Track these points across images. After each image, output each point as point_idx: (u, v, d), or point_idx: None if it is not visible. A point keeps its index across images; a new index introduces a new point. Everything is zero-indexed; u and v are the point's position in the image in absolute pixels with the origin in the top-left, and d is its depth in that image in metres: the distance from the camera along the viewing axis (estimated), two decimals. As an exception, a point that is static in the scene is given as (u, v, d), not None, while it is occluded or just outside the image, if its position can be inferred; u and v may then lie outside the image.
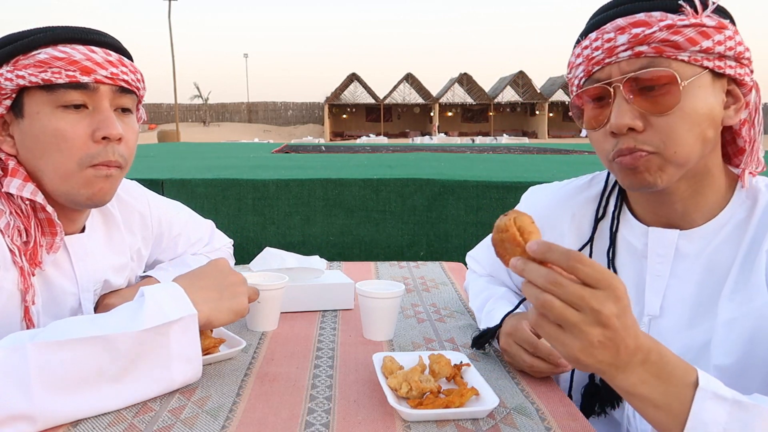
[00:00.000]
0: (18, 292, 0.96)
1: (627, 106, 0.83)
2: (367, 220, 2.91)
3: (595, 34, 0.85)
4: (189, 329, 0.88)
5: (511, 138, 34.60)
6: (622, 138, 0.85)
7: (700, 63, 0.81)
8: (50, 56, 0.92)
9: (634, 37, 0.81)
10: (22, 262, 0.95)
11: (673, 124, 0.82)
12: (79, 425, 0.79)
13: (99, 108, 0.96)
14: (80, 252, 1.08)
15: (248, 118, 49.08)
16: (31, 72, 0.92)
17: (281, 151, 8.40)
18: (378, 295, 1.12)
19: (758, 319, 0.82)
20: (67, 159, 0.95)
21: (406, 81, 43.26)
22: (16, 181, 0.95)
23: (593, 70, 0.86)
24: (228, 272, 1.00)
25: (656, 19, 0.80)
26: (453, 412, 0.81)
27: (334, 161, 4.99)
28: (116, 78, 0.97)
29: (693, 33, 0.80)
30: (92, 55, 0.94)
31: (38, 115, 0.94)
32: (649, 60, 0.81)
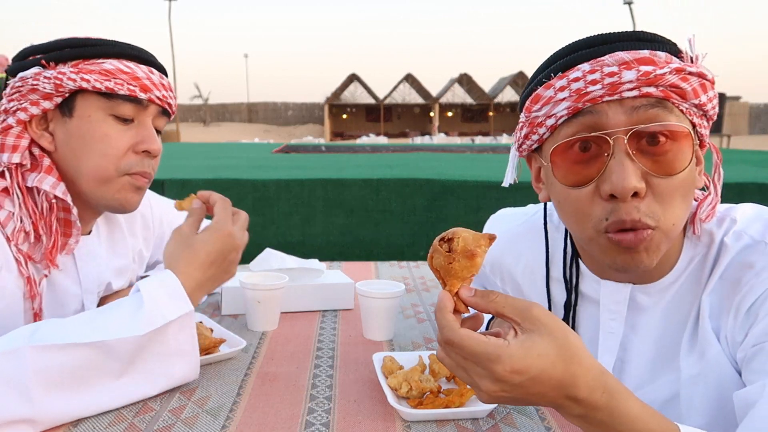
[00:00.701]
0: (20, 293, 0.96)
1: (631, 163, 0.69)
2: (367, 220, 2.91)
3: (590, 66, 0.71)
4: (186, 326, 0.88)
5: (511, 138, 34.59)
6: (624, 205, 0.70)
7: (691, 118, 0.73)
8: (116, 68, 0.97)
9: (644, 75, 0.68)
10: (28, 270, 0.95)
11: (675, 189, 0.71)
12: (79, 425, 0.79)
13: (144, 124, 1.02)
14: (85, 254, 1.08)
15: (248, 118, 49.08)
16: (96, 78, 0.96)
17: (281, 151, 8.40)
18: (378, 295, 1.12)
19: (716, 372, 0.75)
20: (108, 164, 0.99)
21: (406, 81, 43.27)
22: (50, 179, 0.98)
23: (584, 107, 0.71)
24: (229, 249, 0.96)
25: (663, 59, 0.70)
26: (453, 412, 0.81)
27: (334, 161, 4.99)
28: (164, 101, 1.03)
29: (697, 83, 0.71)
30: (151, 75, 1.01)
31: (89, 118, 0.98)
32: (656, 101, 0.70)
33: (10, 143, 0.97)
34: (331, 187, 2.90)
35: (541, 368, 0.56)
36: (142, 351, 0.83)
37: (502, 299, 0.60)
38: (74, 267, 1.07)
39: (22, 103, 0.97)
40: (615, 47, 0.71)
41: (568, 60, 0.73)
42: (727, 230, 0.78)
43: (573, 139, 0.73)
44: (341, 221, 2.91)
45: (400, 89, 43.66)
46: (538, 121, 0.76)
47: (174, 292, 0.88)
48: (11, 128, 0.97)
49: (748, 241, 0.76)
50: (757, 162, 5.04)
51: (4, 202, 0.95)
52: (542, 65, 0.79)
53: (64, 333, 0.79)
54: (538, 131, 0.77)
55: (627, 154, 0.69)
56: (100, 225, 1.15)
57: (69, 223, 1.00)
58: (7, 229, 0.94)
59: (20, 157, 0.97)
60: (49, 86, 0.95)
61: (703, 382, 0.77)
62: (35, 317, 0.98)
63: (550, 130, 0.76)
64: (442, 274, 0.64)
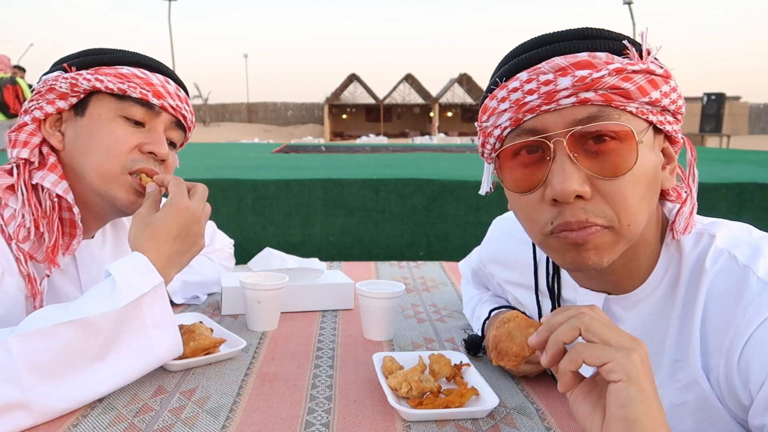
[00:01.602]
0: (22, 297, 0.96)
1: (572, 166, 0.68)
2: (367, 220, 2.91)
3: (527, 74, 0.69)
4: (159, 298, 0.89)
5: (511, 138, 34.49)
6: (568, 208, 0.69)
7: (646, 116, 0.69)
8: (131, 72, 1.00)
9: (579, 80, 0.66)
10: (28, 268, 0.95)
11: (625, 190, 0.68)
12: (79, 425, 0.79)
13: (154, 129, 1.03)
14: (87, 258, 1.08)
15: (248, 119, 49.09)
16: (110, 79, 0.98)
17: (281, 151, 8.40)
18: (378, 295, 1.12)
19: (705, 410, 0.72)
20: (112, 161, 1.00)
21: (405, 81, 43.28)
22: (52, 176, 0.99)
23: (525, 118, 0.70)
24: (189, 222, 0.96)
25: (602, 61, 0.67)
26: (453, 412, 0.81)
27: (334, 161, 4.99)
28: (178, 111, 1.05)
29: (643, 81, 0.67)
30: (167, 85, 1.04)
31: (99, 117, 1.00)
32: (598, 109, 0.67)
33: (22, 139, 1.00)
34: (330, 187, 2.90)
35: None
36: (121, 326, 0.84)
37: None
38: (75, 270, 1.07)
39: (39, 103, 1.01)
40: (554, 49, 0.69)
41: (509, 67, 0.72)
42: (706, 248, 0.74)
43: (516, 145, 0.72)
44: (341, 221, 2.91)
45: (400, 89, 43.68)
46: (488, 131, 0.76)
47: (143, 268, 0.89)
48: (26, 125, 1.01)
49: (731, 263, 0.71)
50: (757, 162, 5.04)
51: (9, 200, 0.96)
52: (492, 72, 0.77)
53: (45, 318, 0.80)
54: (489, 141, 0.77)
55: (568, 158, 0.68)
56: (107, 231, 1.16)
57: (73, 223, 1.01)
58: (9, 227, 0.94)
59: (28, 153, 0.99)
60: (66, 86, 0.98)
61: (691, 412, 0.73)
62: None
63: (499, 140, 0.75)
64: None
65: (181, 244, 0.95)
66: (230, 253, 1.58)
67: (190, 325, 1.02)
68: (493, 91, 0.73)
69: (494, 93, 0.73)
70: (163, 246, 0.93)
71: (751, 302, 0.67)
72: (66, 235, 1.02)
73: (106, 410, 0.83)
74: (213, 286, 1.42)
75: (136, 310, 0.86)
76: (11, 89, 7.65)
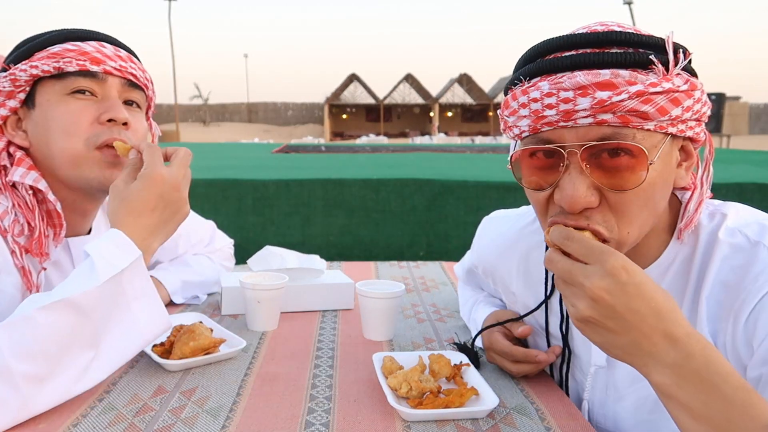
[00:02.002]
0: (19, 296, 0.96)
1: (582, 178, 0.70)
2: (367, 220, 2.91)
3: (548, 86, 0.70)
4: (138, 271, 0.87)
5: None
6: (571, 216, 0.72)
7: (665, 130, 0.70)
8: (63, 48, 0.99)
9: (598, 103, 0.67)
10: (23, 261, 0.95)
11: (629, 201, 0.71)
12: (79, 425, 0.79)
13: (107, 96, 1.01)
14: (83, 254, 1.08)
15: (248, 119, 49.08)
16: (44, 62, 0.97)
17: (281, 151, 8.40)
18: (378, 295, 1.12)
19: None
20: (74, 140, 0.98)
21: (405, 81, 43.27)
22: (20, 170, 0.98)
23: (542, 129, 0.72)
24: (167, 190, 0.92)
25: (624, 80, 0.67)
26: (453, 412, 0.81)
27: (334, 161, 4.99)
28: (125, 71, 1.02)
29: (664, 102, 0.67)
30: (102, 49, 1.01)
31: (48, 102, 0.99)
32: (613, 131, 0.68)
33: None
34: (330, 187, 2.90)
35: (645, 279, 0.61)
36: (103, 304, 0.83)
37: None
38: (71, 267, 1.06)
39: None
40: (577, 60, 0.69)
41: (532, 67, 0.73)
42: (718, 225, 0.78)
43: (531, 149, 0.74)
44: (341, 221, 2.91)
45: (400, 89, 43.67)
46: (508, 124, 0.78)
47: (120, 243, 0.87)
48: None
49: (743, 241, 0.75)
50: (757, 162, 5.04)
51: (0, 198, 0.96)
52: (517, 62, 0.78)
53: (28, 305, 0.79)
54: (510, 132, 0.79)
55: (580, 170, 0.70)
56: (102, 225, 1.15)
57: (57, 213, 1.00)
58: (4, 222, 0.95)
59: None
60: (7, 84, 0.98)
61: None
62: None
63: (518, 137, 0.77)
64: None
65: (161, 214, 0.91)
66: (230, 253, 1.58)
67: (190, 325, 1.02)
68: (515, 91, 0.74)
69: (516, 94, 0.74)
70: (141, 218, 0.90)
71: (762, 271, 0.72)
72: (52, 226, 1.01)
73: (106, 410, 0.83)
74: (213, 286, 1.42)
75: (117, 287, 0.84)
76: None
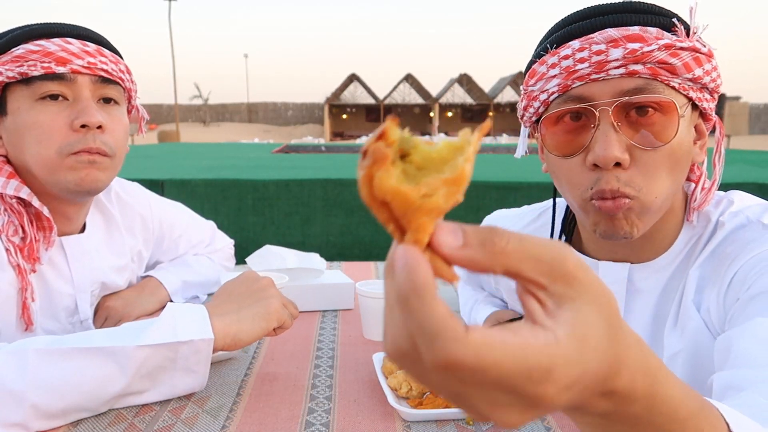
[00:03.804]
0: (14, 293, 0.96)
1: (615, 135, 0.71)
2: (367, 220, 2.91)
3: (579, 43, 0.72)
4: (200, 352, 0.83)
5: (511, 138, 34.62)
6: (606, 174, 0.72)
7: (687, 92, 0.73)
8: (26, 50, 0.93)
9: (630, 53, 0.69)
10: (18, 259, 0.94)
11: (659, 162, 0.72)
12: (79, 425, 0.79)
13: (78, 98, 0.96)
14: (77, 253, 1.07)
15: (248, 119, 49.09)
16: (8, 68, 0.93)
17: (281, 151, 8.40)
18: (378, 295, 1.12)
19: (696, 345, 0.76)
20: (46, 149, 0.95)
21: (405, 81, 43.27)
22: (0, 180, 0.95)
23: (573, 85, 0.73)
24: (253, 278, 0.94)
25: (653, 36, 0.70)
26: (453, 412, 0.81)
27: (334, 161, 4.99)
28: (94, 67, 0.96)
29: (689, 58, 0.71)
30: (67, 46, 0.95)
31: (19, 110, 0.95)
32: (645, 82, 0.71)
33: None
34: (330, 187, 2.90)
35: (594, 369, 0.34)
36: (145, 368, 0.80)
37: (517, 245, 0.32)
38: (66, 266, 1.06)
39: None
40: (606, 21, 0.72)
41: (561, 34, 0.75)
42: (724, 210, 0.80)
43: (562, 111, 0.75)
44: (341, 221, 2.91)
45: (400, 89, 43.67)
46: (534, 95, 0.78)
47: (196, 316, 0.84)
48: None
49: (743, 220, 0.77)
50: (757, 162, 5.04)
51: None
52: (541, 39, 0.81)
53: (71, 340, 0.77)
54: (533, 104, 0.79)
55: (612, 126, 0.71)
56: (95, 223, 1.14)
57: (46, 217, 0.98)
58: None
59: None
60: None
61: (682, 358, 0.77)
62: (24, 308, 0.97)
63: (544, 104, 0.78)
64: (396, 207, 0.32)
65: (246, 296, 0.89)
66: (230, 254, 1.58)
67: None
68: (543, 57, 0.76)
69: (544, 59, 0.76)
70: (223, 303, 0.88)
71: (754, 239, 0.73)
72: (42, 228, 0.99)
73: (107, 410, 0.83)
74: (213, 286, 1.42)
75: (171, 353, 0.81)
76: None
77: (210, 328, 0.83)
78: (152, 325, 0.81)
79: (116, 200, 1.20)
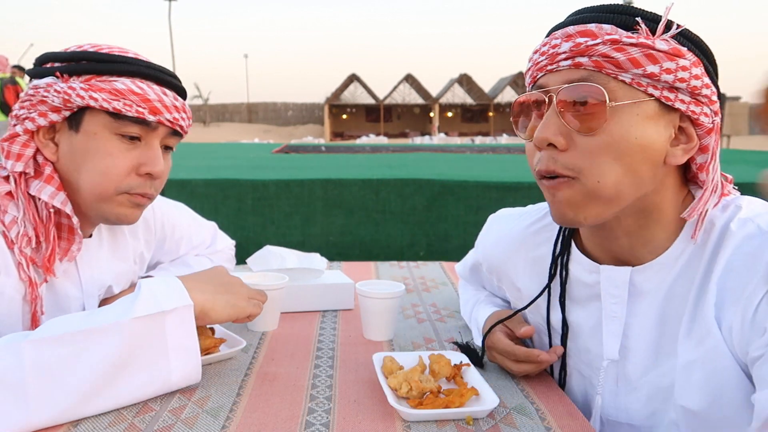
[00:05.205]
0: (19, 298, 0.96)
1: (555, 119, 0.77)
2: (367, 220, 2.91)
3: (547, 39, 0.80)
4: (185, 320, 0.87)
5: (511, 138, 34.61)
6: (543, 154, 0.78)
7: (645, 89, 0.74)
8: (127, 88, 0.96)
9: (576, 46, 0.75)
10: (29, 272, 0.95)
11: (597, 148, 0.75)
12: (80, 425, 0.79)
13: (150, 145, 1.01)
14: (86, 257, 1.08)
15: (248, 119, 49.09)
16: (104, 97, 0.95)
17: (281, 151, 8.40)
18: (378, 295, 1.12)
19: (714, 361, 0.75)
20: (108, 182, 0.98)
21: (406, 81, 43.26)
22: (49, 188, 0.97)
23: (537, 76, 0.81)
24: (225, 274, 1.02)
25: (604, 31, 0.74)
26: (453, 412, 0.81)
27: (334, 161, 4.99)
28: (176, 123, 1.02)
29: (638, 54, 0.72)
30: (164, 97, 0.99)
31: (95, 135, 0.97)
32: (589, 74, 0.75)
33: (15, 151, 0.97)
34: (330, 187, 2.90)
35: None
36: (138, 340, 0.82)
37: None
38: (75, 271, 1.07)
39: (31, 113, 0.97)
40: (574, 20, 0.78)
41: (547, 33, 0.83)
42: (732, 216, 0.79)
43: (521, 99, 0.84)
44: (341, 221, 2.91)
45: (400, 89, 43.66)
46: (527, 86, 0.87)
47: (173, 286, 0.89)
48: (18, 136, 0.97)
49: (755, 230, 0.75)
50: (757, 162, 5.05)
51: (9, 207, 0.95)
52: None
53: (61, 326, 0.79)
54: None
55: (554, 112, 0.77)
56: (102, 228, 1.15)
57: (71, 229, 1.00)
58: (11, 233, 0.94)
59: (23, 166, 0.96)
60: (58, 100, 0.95)
61: (700, 368, 0.76)
62: (33, 320, 0.98)
63: None
64: None
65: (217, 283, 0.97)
66: (231, 255, 1.58)
67: (191, 325, 1.02)
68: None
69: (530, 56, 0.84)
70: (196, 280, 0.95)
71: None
72: (64, 240, 1.01)
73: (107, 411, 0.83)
74: (213, 286, 1.42)
75: (158, 329, 0.84)
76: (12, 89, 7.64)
77: (187, 295, 0.89)
78: (137, 298, 0.85)
79: None
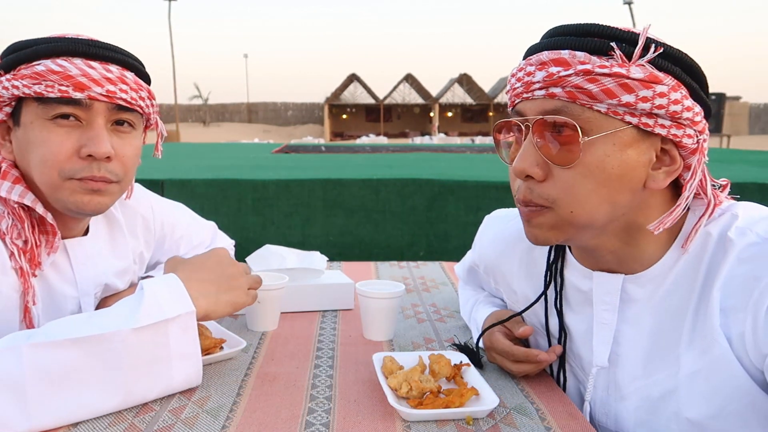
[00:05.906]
0: (16, 296, 0.96)
1: (532, 150, 0.76)
2: (367, 221, 2.91)
3: (524, 64, 0.78)
4: (188, 327, 0.87)
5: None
6: (521, 184, 0.79)
7: (621, 117, 0.72)
8: (47, 69, 0.90)
9: (549, 76, 0.73)
10: (21, 261, 0.95)
11: (574, 180, 0.74)
12: (79, 425, 0.79)
13: (92, 124, 0.94)
14: (81, 256, 1.07)
15: (248, 119, 49.07)
16: (26, 83, 0.91)
17: (281, 151, 8.40)
18: (378, 295, 1.12)
19: (720, 371, 0.74)
20: (50, 171, 0.93)
21: (406, 81, 43.25)
22: (6, 184, 0.95)
23: (515, 101, 0.80)
24: (227, 263, 0.99)
25: (577, 60, 0.72)
26: (453, 412, 0.81)
27: (334, 161, 4.99)
28: (113, 96, 0.94)
29: (611, 84, 0.70)
30: (89, 70, 0.92)
31: (31, 125, 0.94)
32: (563, 104, 0.73)
33: None
34: (330, 187, 2.90)
35: None
36: (141, 348, 0.82)
37: None
38: (70, 268, 1.06)
39: None
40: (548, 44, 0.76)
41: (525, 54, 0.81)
42: (728, 225, 0.78)
43: (501, 123, 0.84)
44: (341, 221, 2.91)
45: (400, 89, 43.65)
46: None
47: (175, 291, 0.88)
48: None
49: (755, 238, 0.75)
50: (757, 162, 5.04)
51: None
52: None
53: (62, 330, 0.79)
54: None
55: (531, 142, 0.77)
56: (99, 226, 1.14)
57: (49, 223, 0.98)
58: (1, 224, 0.94)
59: None
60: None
61: (705, 378, 0.76)
62: (26, 312, 0.97)
63: None
64: None
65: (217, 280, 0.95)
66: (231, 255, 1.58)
67: (190, 325, 1.02)
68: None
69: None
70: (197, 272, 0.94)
71: None
72: (45, 233, 0.99)
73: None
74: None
75: (161, 337, 0.84)
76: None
77: (190, 301, 0.89)
78: (140, 306, 0.84)
79: (119, 202, 1.20)
